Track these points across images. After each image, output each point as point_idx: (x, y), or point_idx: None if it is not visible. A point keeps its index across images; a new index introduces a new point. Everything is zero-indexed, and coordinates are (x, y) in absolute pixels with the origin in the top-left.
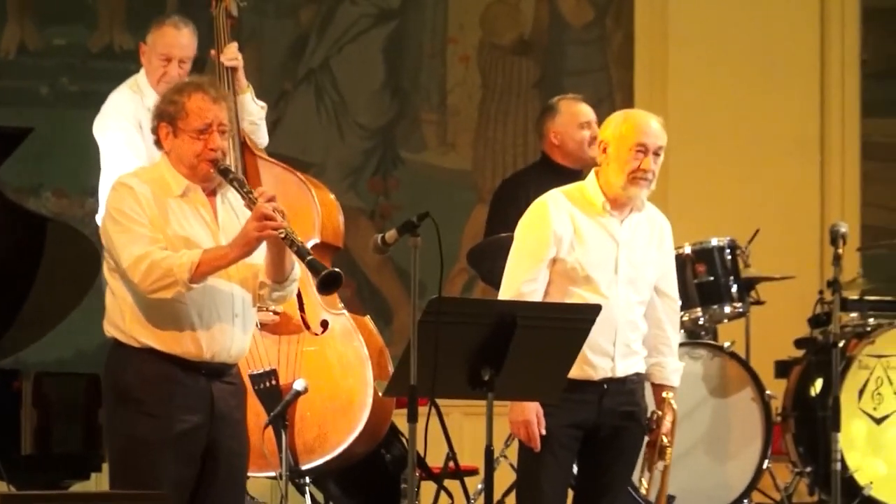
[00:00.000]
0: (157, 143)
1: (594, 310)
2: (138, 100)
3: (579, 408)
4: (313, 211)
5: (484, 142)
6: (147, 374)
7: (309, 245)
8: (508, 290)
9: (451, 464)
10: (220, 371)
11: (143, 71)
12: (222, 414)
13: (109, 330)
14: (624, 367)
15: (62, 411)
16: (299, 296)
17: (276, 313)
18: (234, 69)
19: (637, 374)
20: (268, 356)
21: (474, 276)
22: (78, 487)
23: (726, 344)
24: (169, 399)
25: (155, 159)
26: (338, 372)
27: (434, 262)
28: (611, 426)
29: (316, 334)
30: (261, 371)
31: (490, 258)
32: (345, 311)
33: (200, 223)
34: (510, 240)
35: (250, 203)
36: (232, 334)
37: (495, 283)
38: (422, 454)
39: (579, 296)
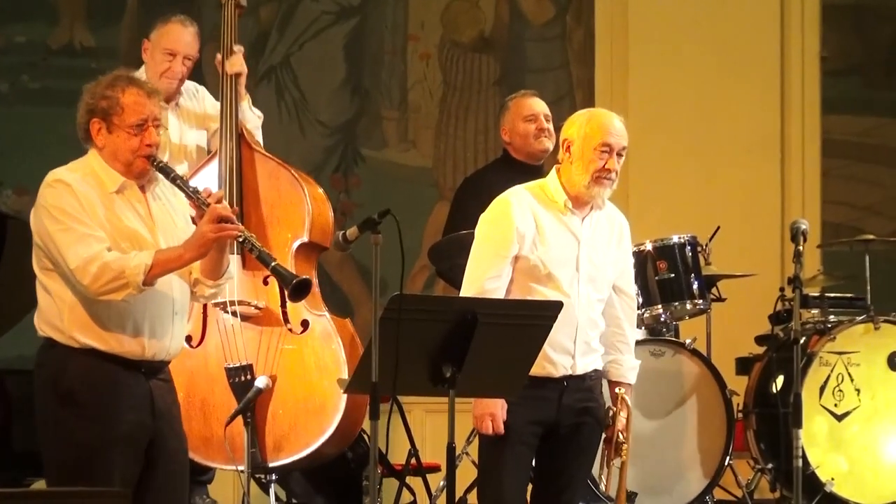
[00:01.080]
0: (87, 139)
1: (556, 307)
2: None
3: (539, 404)
4: (304, 209)
5: (445, 139)
6: (89, 375)
7: (296, 244)
8: (471, 287)
9: (413, 461)
10: (158, 369)
11: (142, 69)
12: (161, 411)
13: (43, 329)
14: (583, 365)
15: (24, 409)
16: (282, 291)
17: (257, 308)
18: (238, 76)
19: (595, 371)
20: (246, 350)
21: (435, 274)
22: (40, 485)
23: (688, 341)
24: (113, 401)
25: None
26: (314, 373)
27: (395, 259)
28: (570, 423)
29: (296, 333)
30: (237, 365)
31: (451, 255)
32: (326, 313)
33: (138, 220)
34: (472, 237)
35: (198, 202)
36: (172, 333)
37: (456, 281)
38: (384, 451)
39: (541, 293)
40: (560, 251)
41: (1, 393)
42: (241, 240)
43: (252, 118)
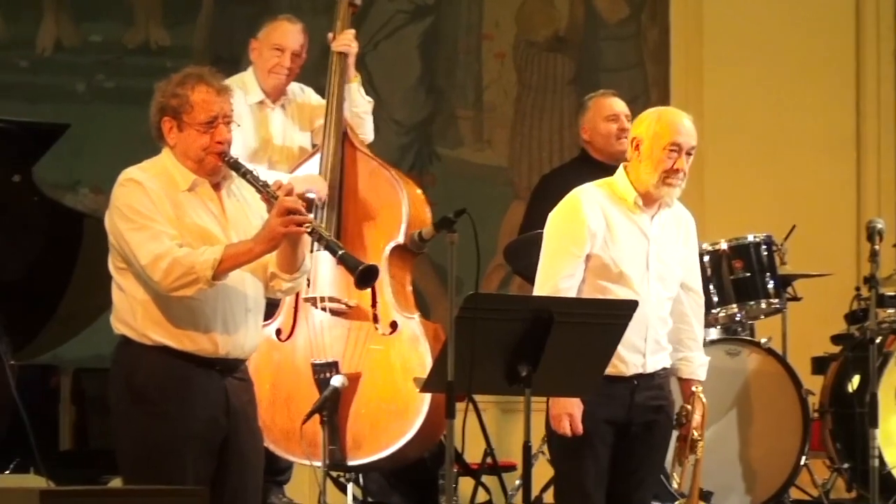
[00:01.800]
0: (160, 137)
1: (631, 306)
2: (241, 96)
3: (612, 403)
4: (401, 211)
5: (520, 138)
6: (162, 373)
7: (391, 246)
8: (545, 286)
9: (489, 460)
10: (233, 367)
11: (250, 69)
12: (236, 410)
13: (118, 327)
14: (654, 363)
15: (100, 407)
16: (374, 293)
17: (348, 306)
18: (345, 55)
19: (664, 369)
20: (333, 347)
21: (511, 273)
22: (117, 483)
23: (763, 340)
24: (185, 398)
25: (246, 155)
26: (399, 375)
27: (471, 258)
28: (642, 421)
29: (384, 334)
30: (324, 361)
31: (527, 254)
32: (416, 316)
33: (210, 217)
34: None
35: (268, 196)
36: (245, 330)
37: (532, 279)
38: (460, 450)
39: (612, 292)
40: (630, 250)
41: (77, 391)
42: (309, 231)
43: (361, 102)
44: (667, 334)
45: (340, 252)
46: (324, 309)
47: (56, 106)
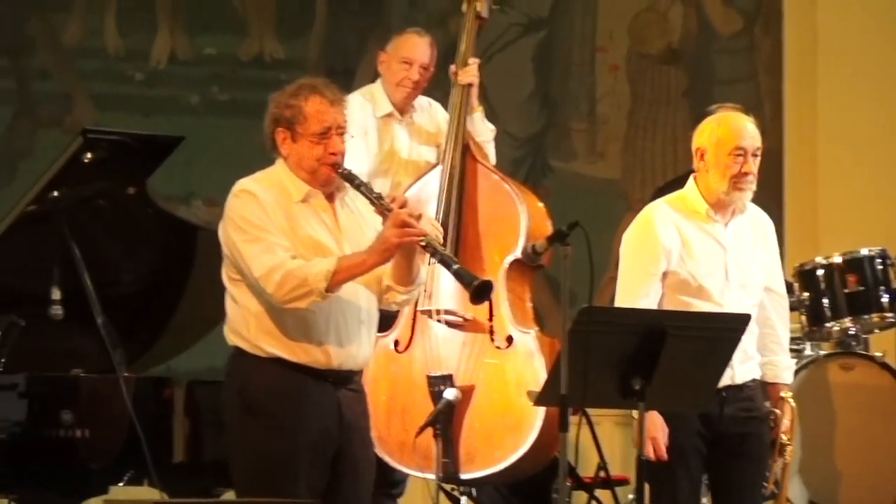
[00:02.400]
0: (274, 148)
1: (743, 319)
2: (369, 108)
3: (701, 417)
4: (520, 225)
5: (633, 151)
6: (276, 385)
7: (509, 260)
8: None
9: (603, 473)
10: (347, 379)
11: (378, 81)
12: (349, 422)
13: (232, 339)
14: (742, 373)
15: (213, 419)
16: (491, 307)
17: (465, 319)
18: (469, 86)
19: (753, 380)
20: (449, 360)
21: None
22: (230, 496)
23: (878, 354)
24: (299, 410)
25: (371, 168)
26: (513, 389)
27: (584, 270)
28: (734, 434)
29: (500, 348)
30: (439, 374)
31: None
32: (533, 331)
33: (324, 229)
34: None
35: (382, 209)
36: (359, 342)
37: None
38: (573, 463)
39: (694, 307)
40: (708, 262)
41: (191, 403)
42: (423, 244)
43: (484, 131)
44: (754, 342)
45: (455, 266)
46: (440, 321)
47: (170, 118)
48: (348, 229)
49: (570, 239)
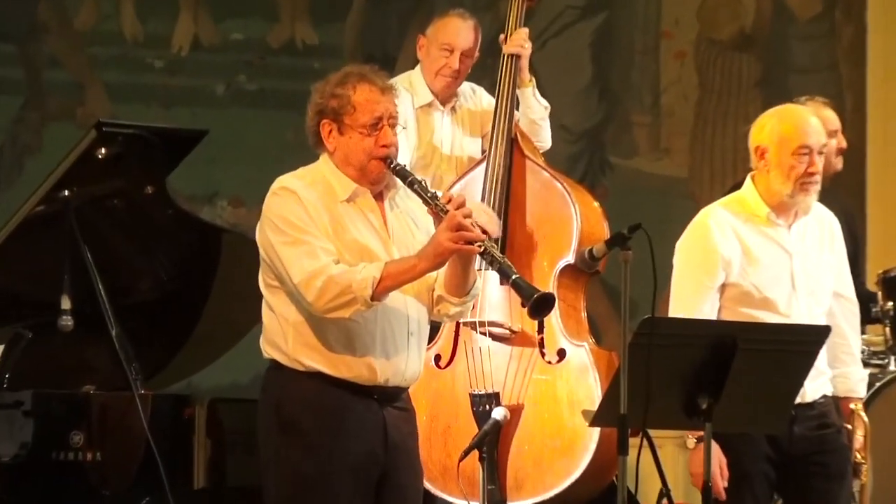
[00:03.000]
0: (318, 143)
1: (822, 332)
2: (408, 98)
3: (768, 440)
4: (572, 227)
5: (701, 146)
6: (315, 401)
7: (560, 265)
8: None
9: (665, 500)
10: (393, 396)
11: (417, 68)
12: (395, 443)
13: (269, 351)
14: (813, 390)
15: (238, 441)
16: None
17: (512, 331)
18: (518, 57)
19: (824, 397)
20: (494, 377)
21: None
22: None
23: None
24: (340, 429)
25: (411, 163)
26: (565, 408)
27: (646, 278)
28: (806, 455)
29: (550, 363)
30: (483, 392)
31: None
32: (587, 344)
33: (371, 231)
34: None
35: (436, 210)
36: (407, 356)
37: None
38: (633, 490)
39: (757, 319)
40: (772, 270)
41: (213, 423)
42: (480, 250)
43: (537, 107)
44: (824, 355)
45: (514, 276)
46: (485, 334)
47: (192, 110)
48: (397, 232)
49: (631, 243)
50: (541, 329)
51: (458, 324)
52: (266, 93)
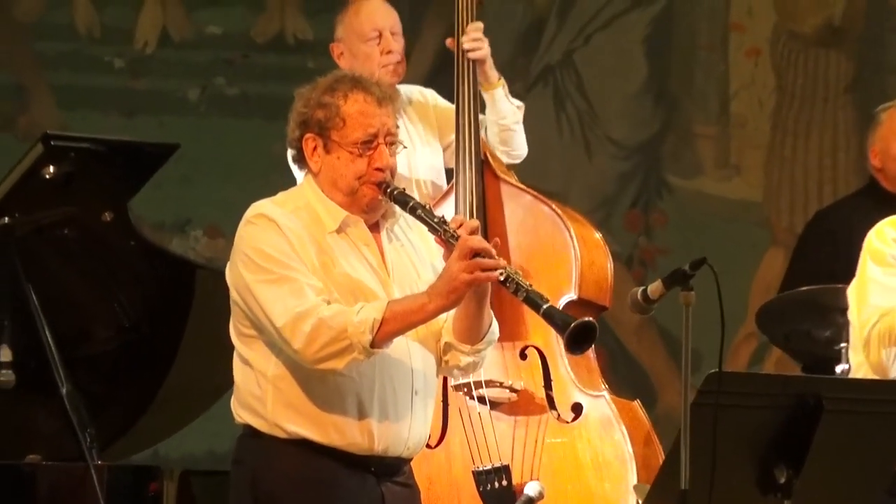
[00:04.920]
0: (300, 160)
1: None
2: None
3: None
4: (570, 255)
5: (779, 163)
6: (300, 475)
7: (562, 303)
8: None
9: None
10: (394, 468)
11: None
12: None
13: (242, 415)
14: None
15: None
16: (546, 369)
17: (513, 390)
18: (479, 63)
19: None
20: (499, 447)
21: (766, 343)
22: None
23: None
24: None
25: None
26: (591, 474)
27: (712, 323)
28: None
29: (566, 421)
30: (489, 467)
31: (790, 319)
32: (605, 393)
33: (365, 268)
34: (820, 295)
35: (445, 237)
36: (410, 419)
37: (797, 353)
38: None
39: None
40: None
41: (185, 499)
42: (502, 278)
43: (510, 111)
44: None
45: (545, 306)
46: (481, 399)
47: (160, 119)
48: (398, 270)
49: (694, 281)
50: (548, 383)
51: (444, 388)
52: (250, 98)
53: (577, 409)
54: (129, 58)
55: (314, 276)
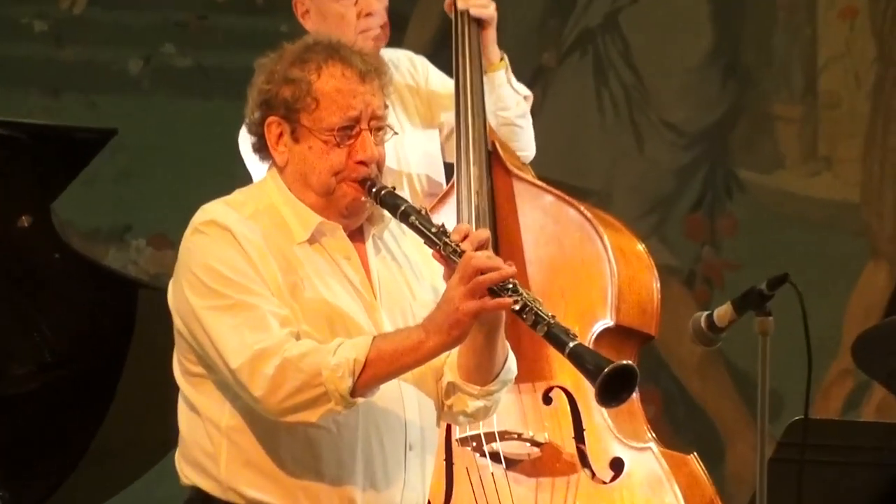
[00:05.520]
0: (262, 149)
1: None
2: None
3: None
4: (605, 271)
5: (882, 154)
6: None
7: (596, 330)
8: None
9: None
10: None
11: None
12: None
13: (189, 475)
14: None
15: None
16: (577, 416)
17: (535, 444)
18: (482, 23)
19: None
20: None
21: (867, 382)
22: None
23: None
24: None
25: None
26: None
27: (796, 356)
28: None
29: (602, 482)
30: None
31: (894, 351)
32: (652, 444)
33: (345, 290)
34: None
35: (446, 251)
36: (403, 481)
37: None
38: None
39: None
40: None
41: None
42: (517, 307)
43: (514, 100)
44: None
45: (572, 344)
46: (495, 455)
47: (91, 98)
48: (387, 289)
49: (773, 304)
50: (580, 434)
51: (448, 442)
52: (207, 71)
53: (616, 465)
54: (53, 19)
55: (279, 300)
